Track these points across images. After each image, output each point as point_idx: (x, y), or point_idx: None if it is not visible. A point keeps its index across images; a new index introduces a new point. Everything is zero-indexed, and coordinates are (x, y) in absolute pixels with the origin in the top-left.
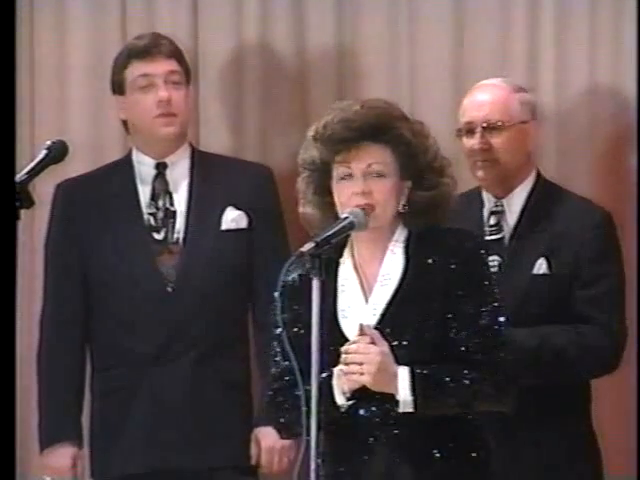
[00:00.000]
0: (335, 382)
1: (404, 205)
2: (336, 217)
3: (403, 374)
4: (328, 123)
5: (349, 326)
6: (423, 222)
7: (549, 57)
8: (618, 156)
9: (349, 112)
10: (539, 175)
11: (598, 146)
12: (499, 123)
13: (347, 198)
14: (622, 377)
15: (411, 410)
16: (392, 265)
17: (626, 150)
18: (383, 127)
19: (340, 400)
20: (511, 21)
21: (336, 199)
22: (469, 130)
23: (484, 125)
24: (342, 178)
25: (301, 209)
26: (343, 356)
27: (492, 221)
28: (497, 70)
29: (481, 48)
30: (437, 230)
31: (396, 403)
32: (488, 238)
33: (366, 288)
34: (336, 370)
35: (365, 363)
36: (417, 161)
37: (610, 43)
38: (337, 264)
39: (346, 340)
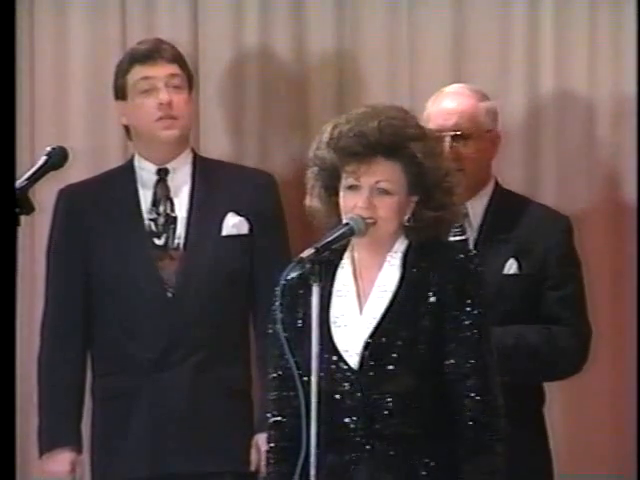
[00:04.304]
0: None
1: (408, 218)
2: (340, 217)
3: None
4: (342, 133)
5: (341, 336)
6: (425, 236)
7: (549, 60)
8: (618, 158)
9: (364, 127)
10: (497, 182)
11: (598, 148)
12: (468, 132)
13: (351, 208)
14: (620, 378)
15: None
16: (388, 276)
17: (625, 152)
18: (396, 146)
19: None
20: (511, 25)
21: (341, 204)
22: None
23: (452, 134)
24: (349, 187)
25: (308, 202)
26: None
27: None
28: (496, 73)
29: (481, 52)
30: (436, 244)
31: None
32: (452, 239)
33: (362, 298)
34: None
35: None
36: (426, 180)
37: (610, 45)
38: (336, 267)
39: (336, 350)
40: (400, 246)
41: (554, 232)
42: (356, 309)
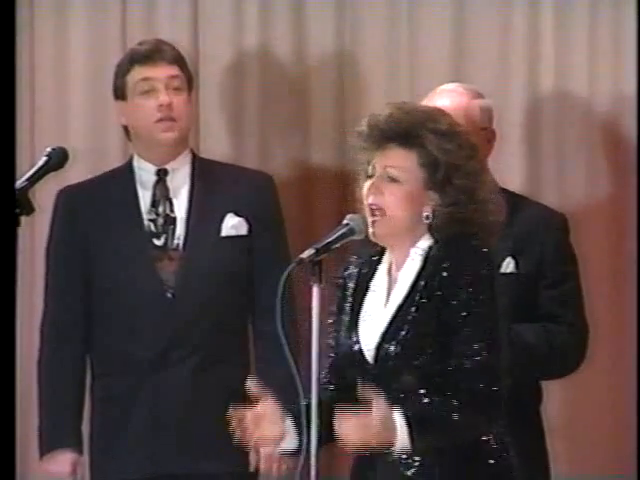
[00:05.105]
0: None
1: (427, 216)
2: None
3: (401, 423)
4: (364, 121)
5: (365, 330)
6: (446, 234)
7: (549, 60)
8: (618, 158)
9: (380, 115)
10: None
11: (598, 147)
12: None
13: (365, 195)
14: (620, 377)
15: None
16: (408, 272)
17: (626, 152)
18: (410, 134)
19: None
20: (511, 25)
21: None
22: None
23: None
24: (369, 175)
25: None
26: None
27: None
28: (496, 73)
29: (481, 52)
30: (458, 240)
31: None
32: None
33: (390, 293)
34: None
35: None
36: (438, 174)
37: (610, 46)
38: (378, 263)
39: (358, 344)
40: (425, 243)
41: (551, 230)
42: (382, 304)
